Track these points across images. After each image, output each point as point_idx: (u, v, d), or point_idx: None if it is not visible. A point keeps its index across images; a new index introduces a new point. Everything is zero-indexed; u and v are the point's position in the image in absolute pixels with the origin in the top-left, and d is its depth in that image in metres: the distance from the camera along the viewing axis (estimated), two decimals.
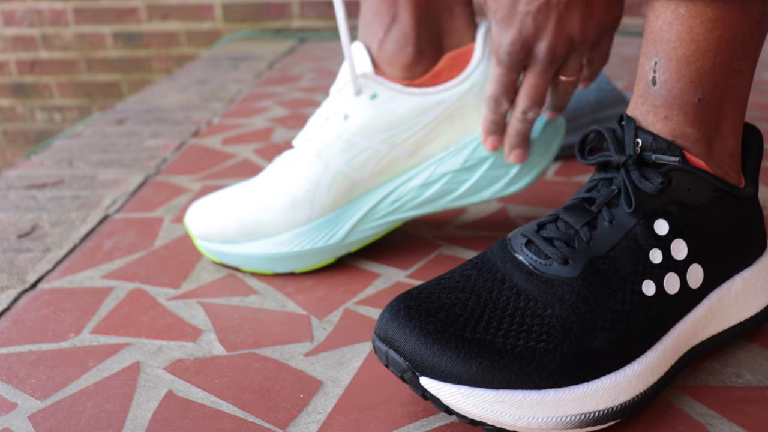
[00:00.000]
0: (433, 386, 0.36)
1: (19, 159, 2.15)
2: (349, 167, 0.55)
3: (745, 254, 0.43)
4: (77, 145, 0.97)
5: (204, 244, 0.58)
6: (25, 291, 0.56)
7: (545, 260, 0.40)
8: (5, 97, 2.11)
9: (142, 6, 1.98)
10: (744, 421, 0.38)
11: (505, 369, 0.36)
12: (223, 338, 0.48)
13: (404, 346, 0.37)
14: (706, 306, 0.42)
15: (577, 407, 0.36)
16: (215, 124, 1.04)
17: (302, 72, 1.44)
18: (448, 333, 0.37)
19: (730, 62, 0.40)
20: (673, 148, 0.40)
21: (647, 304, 0.39)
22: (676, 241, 0.40)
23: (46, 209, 0.73)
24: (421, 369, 0.36)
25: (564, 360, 0.36)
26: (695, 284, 0.40)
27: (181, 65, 2.00)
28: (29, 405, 0.42)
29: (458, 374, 0.36)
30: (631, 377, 0.38)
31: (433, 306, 0.38)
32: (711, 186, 0.41)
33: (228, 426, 0.39)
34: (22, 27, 2.03)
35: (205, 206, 0.58)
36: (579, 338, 0.37)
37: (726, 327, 0.43)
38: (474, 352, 0.36)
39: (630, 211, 0.40)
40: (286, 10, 1.96)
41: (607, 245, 0.40)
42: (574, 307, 0.38)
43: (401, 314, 0.38)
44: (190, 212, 0.59)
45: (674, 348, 0.40)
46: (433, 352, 0.36)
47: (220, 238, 0.57)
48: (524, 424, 0.36)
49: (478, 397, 0.36)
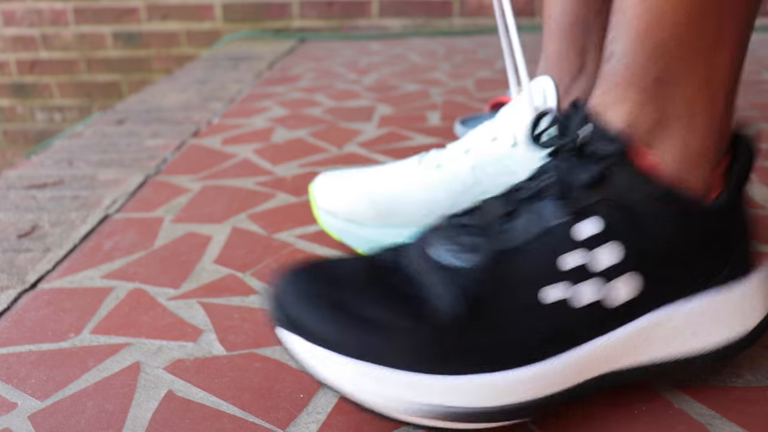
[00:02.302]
0: (294, 342, 0.36)
1: (19, 159, 2.15)
2: (500, 191, 0.54)
3: (703, 275, 0.37)
4: (77, 145, 0.97)
5: (327, 218, 0.58)
6: (25, 291, 0.56)
7: (450, 247, 0.37)
8: (5, 97, 2.11)
9: (142, 6, 1.98)
10: (744, 421, 0.38)
11: (360, 338, 0.34)
12: (223, 338, 0.48)
13: (286, 303, 0.36)
14: (639, 326, 0.37)
15: (433, 397, 0.34)
16: (215, 124, 1.04)
17: (302, 72, 1.44)
18: (321, 296, 0.36)
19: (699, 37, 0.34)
20: (618, 141, 0.35)
21: (545, 311, 0.35)
22: (602, 247, 0.35)
23: (46, 209, 0.73)
24: (291, 326, 0.36)
25: (428, 347, 0.34)
26: (622, 299, 0.36)
27: (181, 65, 2.00)
28: (29, 405, 0.42)
29: (321, 335, 0.35)
30: (511, 382, 0.35)
31: (329, 272, 0.37)
32: (655, 188, 0.36)
33: (228, 426, 0.39)
34: (22, 27, 2.03)
35: (337, 180, 0.58)
36: (452, 329, 0.35)
37: (672, 355, 0.38)
38: (340, 316, 0.35)
39: (556, 205, 0.35)
40: (286, 10, 1.96)
41: (519, 239, 0.36)
42: (459, 297, 0.35)
43: (295, 272, 0.37)
44: (319, 182, 0.59)
45: (583, 365, 0.36)
46: (304, 311, 0.35)
47: (347, 216, 0.56)
48: (370, 400, 0.35)
49: (335, 361, 0.35)
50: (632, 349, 0.37)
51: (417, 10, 1.93)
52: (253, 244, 0.63)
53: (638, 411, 0.39)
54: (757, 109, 1.02)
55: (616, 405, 0.40)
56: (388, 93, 1.22)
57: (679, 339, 0.38)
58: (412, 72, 1.40)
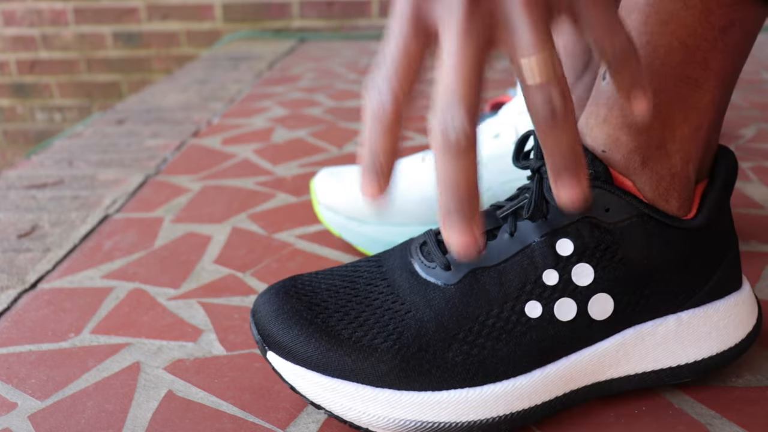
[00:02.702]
0: (276, 362, 0.38)
1: (19, 159, 2.15)
2: (502, 189, 0.54)
3: (683, 292, 0.38)
4: (77, 145, 0.97)
5: (328, 214, 0.58)
6: (25, 291, 0.56)
7: (430, 263, 0.38)
8: (5, 97, 2.11)
9: (142, 6, 1.98)
10: (744, 421, 0.38)
11: (340, 358, 0.36)
12: (223, 338, 0.48)
13: (261, 321, 0.38)
14: (617, 341, 0.38)
15: (414, 413, 0.36)
16: (215, 124, 1.04)
17: (302, 72, 1.44)
18: (300, 315, 0.37)
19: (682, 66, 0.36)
20: (597, 162, 0.36)
21: (527, 326, 0.36)
22: (579, 266, 0.36)
23: (46, 209, 0.73)
24: (269, 344, 0.38)
25: (405, 363, 0.36)
26: (601, 315, 0.37)
27: (181, 65, 2.00)
28: (29, 405, 0.42)
29: (298, 354, 0.37)
30: (488, 396, 0.36)
31: (306, 289, 0.39)
32: (632, 209, 0.36)
33: (228, 426, 0.39)
34: (22, 27, 2.03)
35: (338, 176, 0.58)
36: (430, 346, 0.36)
37: (648, 369, 0.39)
38: (315, 336, 0.37)
39: (533, 225, 0.36)
40: (286, 10, 1.96)
41: (498, 258, 0.37)
42: (437, 313, 0.36)
43: (273, 292, 0.39)
44: (320, 177, 0.59)
45: (564, 378, 0.37)
46: (279, 329, 0.37)
47: (348, 213, 0.56)
48: (354, 417, 0.36)
49: (313, 380, 0.37)
50: (614, 362, 0.38)
51: None
52: (253, 244, 0.63)
53: (638, 411, 0.39)
54: (757, 109, 1.02)
55: (616, 405, 0.40)
56: None
57: (661, 353, 0.39)
58: None
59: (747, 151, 0.83)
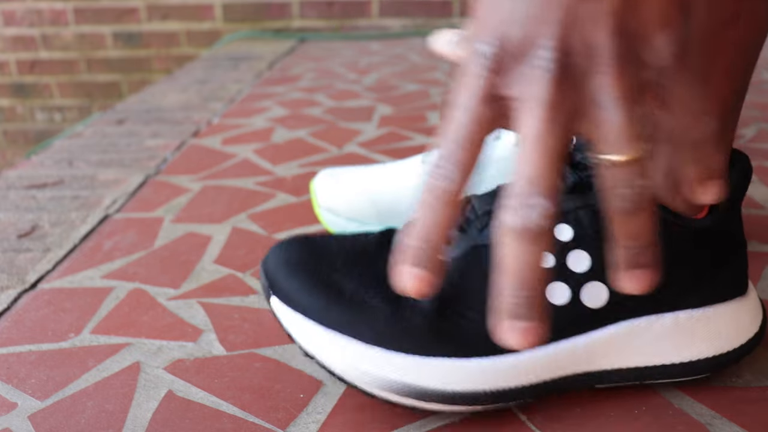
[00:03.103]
0: (277, 307, 0.39)
1: (19, 159, 2.15)
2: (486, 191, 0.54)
3: (683, 292, 0.38)
4: (77, 145, 0.97)
5: (328, 215, 0.58)
6: (25, 291, 0.56)
7: None
8: (5, 97, 2.11)
9: (142, 6, 1.98)
10: (744, 421, 0.38)
11: (339, 311, 0.37)
12: (223, 338, 0.48)
13: (269, 267, 0.40)
14: (610, 332, 0.38)
15: (400, 375, 0.36)
16: (215, 124, 1.04)
17: (302, 72, 1.44)
18: (306, 266, 0.39)
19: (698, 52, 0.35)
20: None
21: None
22: (576, 252, 0.36)
23: (46, 209, 0.73)
24: (274, 289, 0.39)
25: (400, 325, 0.37)
26: (594, 304, 0.37)
27: (181, 65, 2.00)
28: (29, 405, 0.42)
29: (299, 302, 0.38)
30: (474, 370, 0.36)
31: (318, 245, 0.40)
32: None
33: (228, 426, 0.39)
34: (22, 27, 2.03)
35: (338, 178, 0.58)
36: (425, 312, 0.37)
37: (641, 365, 0.39)
38: (318, 287, 0.38)
39: None
40: (286, 10, 1.96)
41: None
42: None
43: (286, 243, 0.41)
44: (320, 179, 0.59)
45: (552, 363, 0.37)
46: (285, 276, 0.39)
47: (348, 215, 0.56)
48: (342, 370, 0.37)
49: (310, 329, 0.38)
50: (606, 354, 0.38)
51: (417, 10, 1.93)
52: (253, 244, 0.63)
53: (638, 411, 0.39)
54: (757, 109, 1.02)
55: (616, 405, 0.40)
56: (388, 93, 1.22)
57: (654, 350, 0.39)
58: (412, 72, 1.40)
59: (747, 151, 0.84)
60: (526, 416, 0.39)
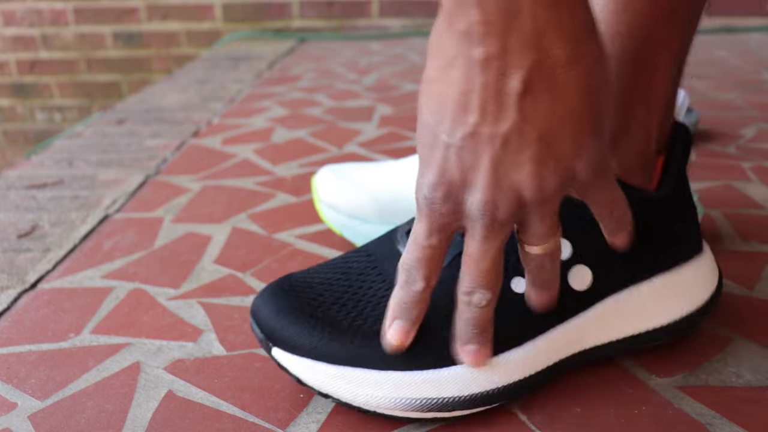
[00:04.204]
0: (281, 356, 0.39)
1: (19, 159, 2.15)
2: None
3: (652, 260, 0.41)
4: (77, 145, 0.97)
5: (329, 212, 0.58)
6: (25, 291, 0.56)
7: None
8: (5, 97, 2.11)
9: (142, 6, 1.98)
10: (744, 421, 0.38)
11: (344, 346, 0.37)
12: (223, 338, 0.48)
13: (262, 319, 0.40)
14: (598, 311, 0.40)
15: (419, 392, 0.37)
16: (215, 124, 1.04)
17: (302, 72, 1.44)
18: (300, 310, 0.39)
19: (638, 51, 0.38)
20: None
21: (514, 301, 0.38)
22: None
23: (46, 209, 0.73)
24: (273, 340, 0.39)
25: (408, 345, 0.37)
26: (581, 286, 0.39)
27: (181, 65, 2.00)
28: (29, 405, 0.42)
29: (303, 346, 0.38)
30: (486, 369, 0.37)
31: (301, 286, 0.40)
32: None
33: (228, 426, 0.39)
34: (22, 27, 2.03)
35: (340, 175, 0.57)
36: (427, 326, 0.37)
37: (629, 334, 0.41)
38: (318, 327, 0.38)
39: None
40: (286, 10, 1.96)
41: None
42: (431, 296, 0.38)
43: (268, 292, 0.41)
44: (322, 175, 0.59)
45: (552, 348, 0.39)
46: (283, 325, 0.39)
47: (349, 212, 0.56)
48: (362, 401, 0.37)
49: (320, 370, 0.38)
50: (597, 331, 0.40)
51: (417, 10, 1.93)
52: (253, 244, 0.63)
53: (638, 411, 0.39)
54: (757, 109, 1.02)
55: (616, 405, 0.40)
56: (388, 93, 1.22)
57: (639, 319, 0.41)
58: (412, 72, 1.40)
59: (747, 151, 0.83)
60: (526, 416, 0.39)
